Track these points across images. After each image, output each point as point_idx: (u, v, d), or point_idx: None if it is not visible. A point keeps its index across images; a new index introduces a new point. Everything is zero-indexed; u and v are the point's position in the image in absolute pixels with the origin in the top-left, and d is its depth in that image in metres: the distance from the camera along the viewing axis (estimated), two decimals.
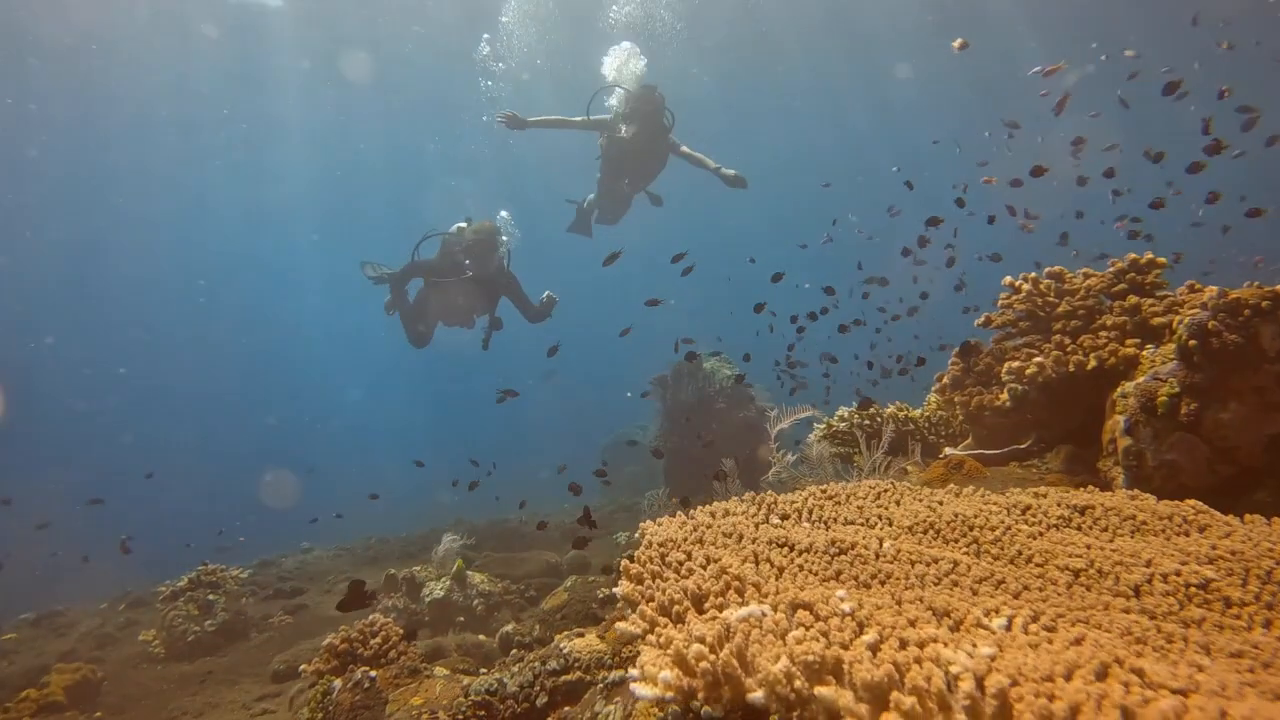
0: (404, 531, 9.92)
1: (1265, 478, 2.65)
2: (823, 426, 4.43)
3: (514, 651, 4.20)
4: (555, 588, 5.13)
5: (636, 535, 1.32)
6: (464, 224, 6.75)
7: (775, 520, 1.45)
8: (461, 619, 5.38)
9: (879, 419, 4.17)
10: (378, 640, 3.75)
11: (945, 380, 3.75)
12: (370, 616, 3.94)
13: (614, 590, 3.43)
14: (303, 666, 3.83)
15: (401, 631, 3.77)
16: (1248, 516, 1.71)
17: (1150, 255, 3.58)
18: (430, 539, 7.88)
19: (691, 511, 1.44)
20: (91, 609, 7.29)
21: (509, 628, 4.75)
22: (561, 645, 2.88)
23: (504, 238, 6.76)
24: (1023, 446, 3.36)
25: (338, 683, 3.39)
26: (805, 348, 6.89)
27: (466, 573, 5.67)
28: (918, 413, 4.20)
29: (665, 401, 8.47)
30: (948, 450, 3.56)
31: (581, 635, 2.98)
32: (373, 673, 3.40)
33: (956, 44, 5.97)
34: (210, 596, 5.50)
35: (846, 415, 4.22)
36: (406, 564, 6.64)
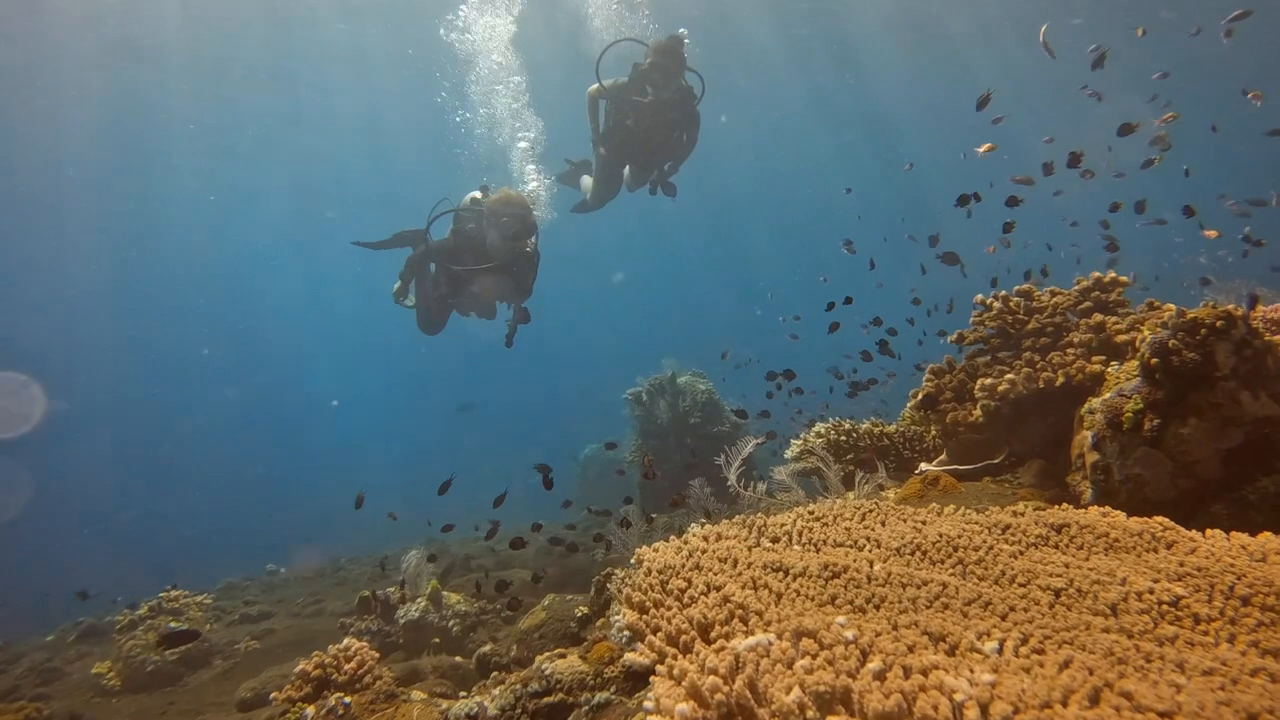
0: (376, 550, 9.75)
1: (1221, 491, 2.76)
2: (799, 442, 4.50)
3: (494, 674, 4.16)
4: (533, 606, 5.09)
5: (633, 561, 1.34)
6: (478, 193, 5.63)
7: (767, 543, 1.47)
8: (437, 640, 5.30)
9: (854, 435, 4.25)
10: (352, 665, 3.67)
11: (920, 396, 3.84)
12: (344, 640, 3.86)
13: (596, 610, 3.39)
14: (273, 694, 3.73)
15: (377, 655, 3.71)
16: (1209, 531, 1.79)
17: (1113, 274, 3.73)
18: (401, 557, 7.76)
19: (686, 535, 1.46)
20: (36, 641, 6.95)
21: (486, 648, 4.69)
22: (543, 666, 2.86)
23: (535, 212, 5.57)
24: (996, 461, 3.45)
25: (310, 710, 3.31)
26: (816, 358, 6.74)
27: (441, 592, 5.60)
28: (893, 428, 4.28)
29: (640, 417, 8.51)
30: (924, 466, 3.64)
31: (563, 656, 2.96)
32: (348, 699, 3.33)
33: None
34: (172, 624, 5.33)
35: (823, 432, 4.29)
36: (379, 584, 6.53)
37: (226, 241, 27.87)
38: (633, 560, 1.36)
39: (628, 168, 6.82)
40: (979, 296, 3.77)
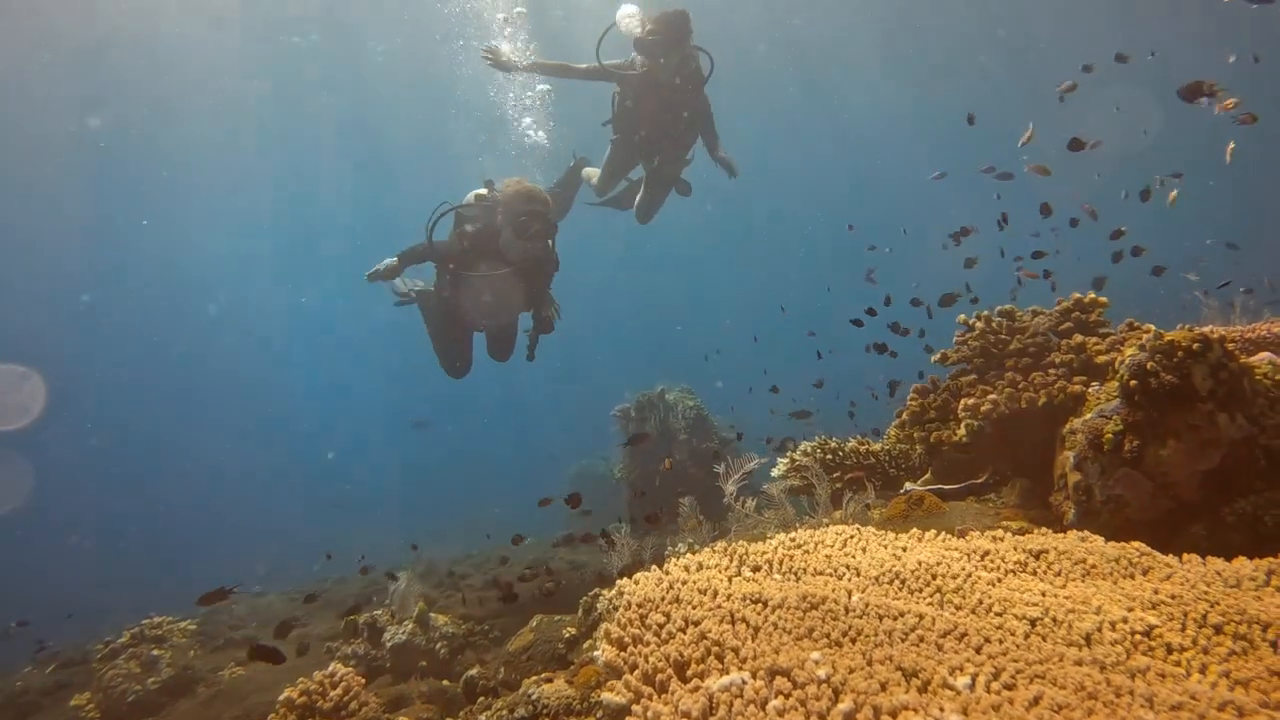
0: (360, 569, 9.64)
1: (1201, 511, 2.79)
2: (785, 461, 4.51)
3: (480, 699, 4.12)
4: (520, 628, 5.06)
5: (613, 592, 1.35)
6: (483, 190, 5.12)
7: (748, 572, 1.48)
8: (424, 663, 5.24)
9: (840, 453, 4.26)
10: (338, 692, 3.64)
11: (905, 415, 3.87)
12: (330, 666, 3.82)
13: (584, 631, 3.37)
14: None
15: (363, 681, 3.67)
16: (1185, 556, 1.81)
17: (1093, 295, 3.78)
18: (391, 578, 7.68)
19: (667, 566, 1.47)
20: (12, 672, 6.78)
21: (474, 671, 4.64)
22: (529, 691, 2.84)
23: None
24: (979, 481, 3.47)
25: None
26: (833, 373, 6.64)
27: (429, 614, 5.55)
28: (879, 446, 4.30)
29: (629, 434, 8.52)
30: (908, 485, 3.66)
31: (550, 680, 2.95)
32: None
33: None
34: (154, 651, 5.25)
35: (809, 450, 4.31)
36: (366, 607, 6.45)
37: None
38: (614, 591, 1.37)
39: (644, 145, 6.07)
40: (962, 316, 3.82)
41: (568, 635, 4.86)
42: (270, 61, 15.99)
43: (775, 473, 4.54)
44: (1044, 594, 1.41)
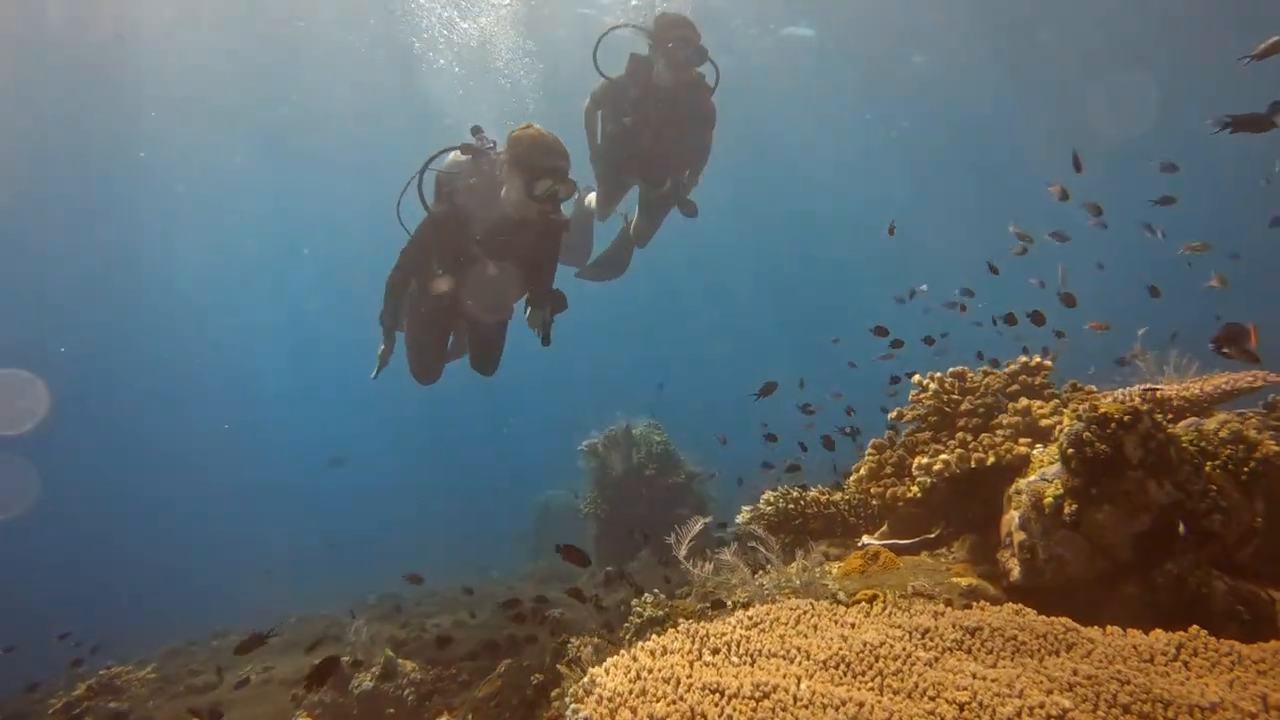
0: (323, 609, 9.53)
1: (1134, 571, 2.99)
2: (750, 509, 4.65)
3: None
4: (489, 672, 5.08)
5: (586, 680, 1.46)
6: (472, 142, 4.20)
7: (708, 655, 1.61)
8: (392, 710, 5.22)
9: (802, 502, 4.42)
10: None
11: (863, 470, 4.05)
12: (296, 716, 3.83)
13: (551, 678, 3.44)
14: None
15: None
16: (1108, 629, 1.98)
17: (1039, 358, 4.03)
18: (355, 614, 7.61)
19: (634, 651, 1.59)
20: None
21: (443, 719, 4.66)
22: None
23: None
24: (932, 536, 3.65)
25: None
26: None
27: (396, 660, 5.53)
28: (839, 496, 4.47)
29: (595, 469, 8.62)
30: (866, 539, 3.83)
31: None
32: None
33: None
34: (112, 704, 5.13)
35: (772, 499, 4.46)
36: (331, 646, 6.40)
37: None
38: (587, 679, 1.48)
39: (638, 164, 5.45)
40: (916, 377, 4.03)
41: (536, 680, 4.91)
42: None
43: (739, 519, 4.69)
44: (974, 676, 1.55)
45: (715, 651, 1.62)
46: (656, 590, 4.39)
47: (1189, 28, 13.83)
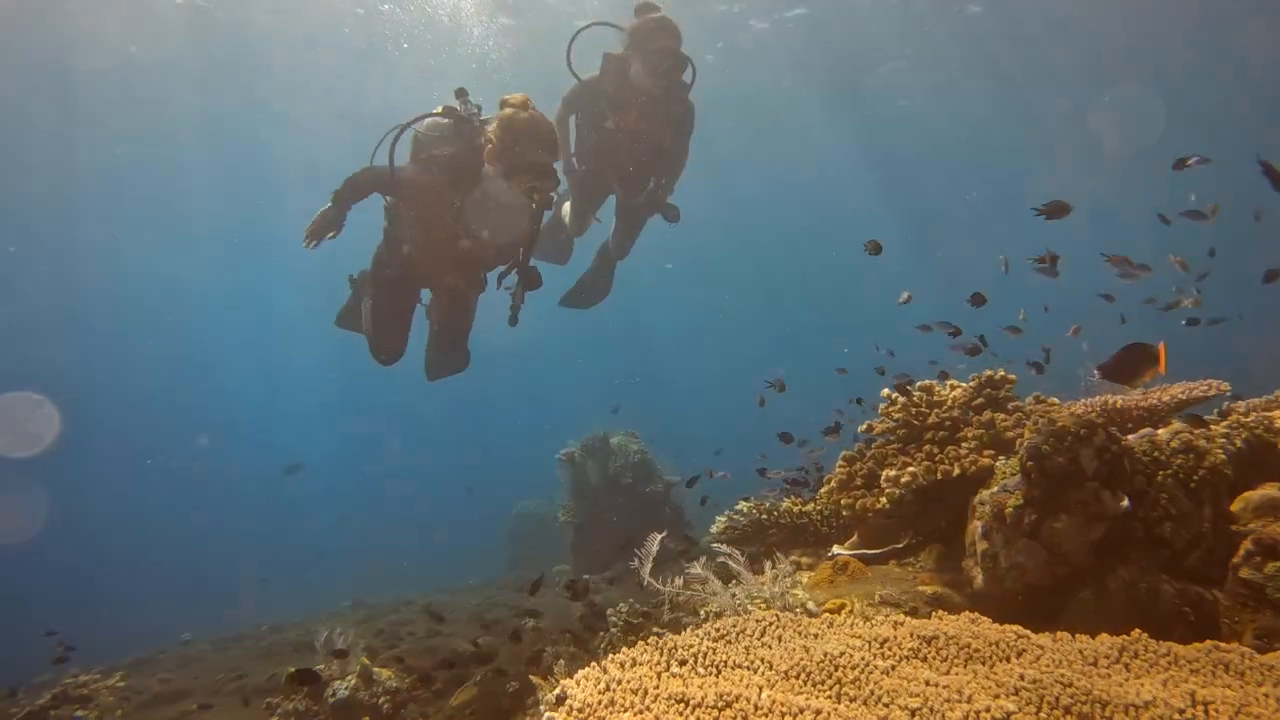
0: (299, 616, 9.43)
1: (1088, 577, 3.11)
2: (723, 518, 4.74)
3: None
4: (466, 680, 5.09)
5: (559, 690, 1.51)
6: (455, 105, 4.06)
7: (675, 666, 1.67)
8: (367, 719, 5.20)
9: (775, 513, 4.51)
10: None
11: (833, 483, 4.15)
12: None
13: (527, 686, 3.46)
14: None
15: None
16: (1059, 634, 2.08)
17: (1003, 372, 4.16)
18: (328, 623, 7.55)
19: (605, 664, 1.65)
20: None
21: None
22: None
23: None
24: (900, 546, 3.76)
25: None
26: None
27: (371, 668, 5.52)
28: (812, 507, 4.56)
29: (573, 478, 8.67)
30: (835, 549, 3.92)
31: None
32: None
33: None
34: (79, 713, 5.05)
35: (746, 510, 4.55)
36: (304, 656, 6.35)
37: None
38: (558, 691, 1.53)
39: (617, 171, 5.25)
40: (885, 390, 4.14)
41: (512, 689, 4.94)
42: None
43: (714, 528, 4.77)
44: (927, 683, 1.63)
45: (682, 663, 1.69)
46: (632, 600, 4.46)
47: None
